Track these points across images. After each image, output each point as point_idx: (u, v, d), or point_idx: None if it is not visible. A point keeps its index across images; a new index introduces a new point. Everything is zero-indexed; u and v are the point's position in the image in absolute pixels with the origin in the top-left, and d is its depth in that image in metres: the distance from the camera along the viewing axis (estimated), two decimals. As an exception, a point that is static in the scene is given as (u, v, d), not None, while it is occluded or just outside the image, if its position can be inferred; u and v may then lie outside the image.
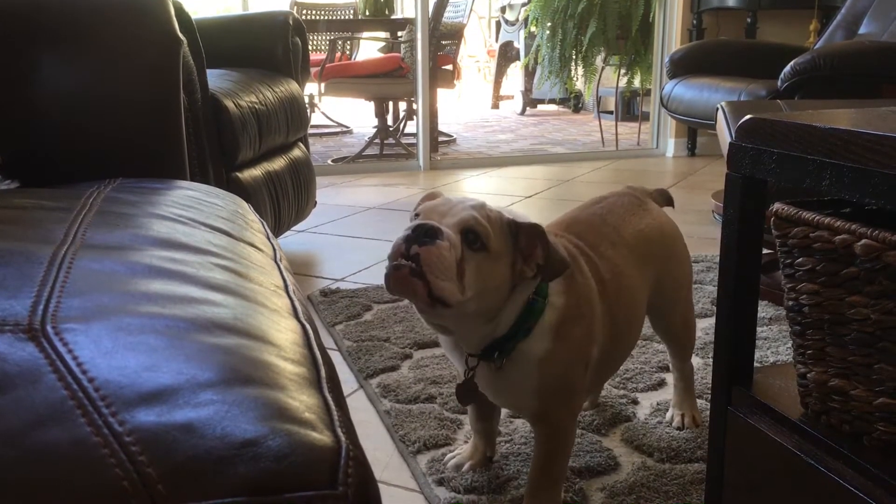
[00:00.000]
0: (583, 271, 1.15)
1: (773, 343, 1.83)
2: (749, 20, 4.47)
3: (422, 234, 0.96)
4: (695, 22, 4.64)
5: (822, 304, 0.84)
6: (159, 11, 1.15)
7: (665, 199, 1.42)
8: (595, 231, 1.24)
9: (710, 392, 1.16)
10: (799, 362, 0.91)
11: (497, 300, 1.04)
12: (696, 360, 1.72)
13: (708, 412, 1.19)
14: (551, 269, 1.03)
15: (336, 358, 1.84)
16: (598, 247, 1.21)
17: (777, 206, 0.88)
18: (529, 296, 1.07)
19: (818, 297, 0.84)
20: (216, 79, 2.28)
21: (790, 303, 0.90)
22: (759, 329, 1.88)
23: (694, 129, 4.67)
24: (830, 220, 0.81)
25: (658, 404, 1.55)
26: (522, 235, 1.03)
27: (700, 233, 2.88)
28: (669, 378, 1.59)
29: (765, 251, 1.30)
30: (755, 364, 1.02)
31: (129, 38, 1.13)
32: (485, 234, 0.99)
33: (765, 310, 2.05)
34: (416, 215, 1.03)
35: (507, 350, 1.08)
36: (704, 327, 1.93)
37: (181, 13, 1.85)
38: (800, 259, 0.86)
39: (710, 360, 1.53)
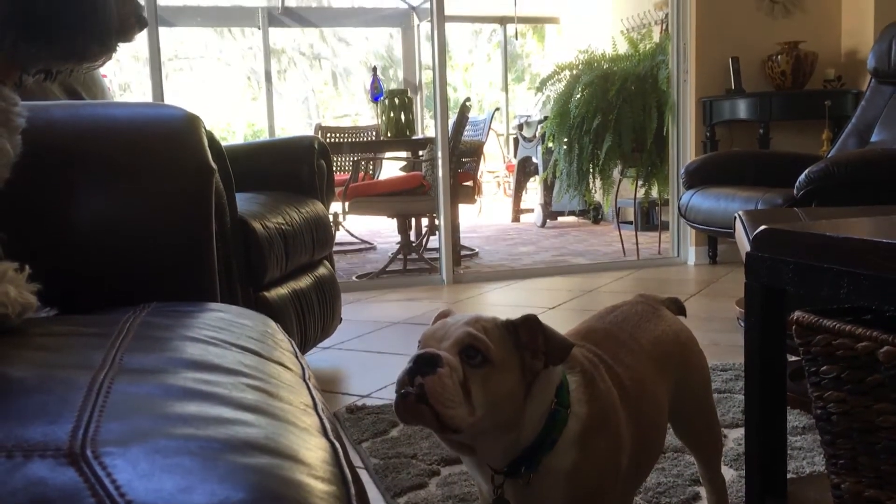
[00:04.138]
0: (604, 379, 1.15)
1: (808, 453, 1.78)
2: (761, 131, 4.56)
3: (422, 365, 0.97)
4: (708, 134, 4.74)
5: (849, 413, 0.84)
6: (193, 142, 1.21)
7: (678, 307, 1.42)
8: (612, 339, 1.25)
9: (744, 505, 1.14)
10: (832, 472, 0.89)
11: (513, 407, 1.03)
12: (729, 472, 1.68)
13: (744, 527, 1.15)
14: (555, 351, 1.04)
15: (363, 476, 1.81)
16: (616, 355, 1.22)
17: (798, 314, 0.89)
18: (551, 405, 1.07)
19: (845, 405, 0.84)
20: (245, 202, 2.36)
21: (818, 411, 0.89)
22: (792, 438, 1.84)
23: (714, 237, 4.70)
24: (851, 328, 0.81)
25: (693, 519, 1.51)
26: (522, 331, 1.05)
27: (726, 340, 2.86)
28: (703, 491, 1.55)
29: (792, 358, 1.30)
30: (790, 475, 1.00)
31: (164, 167, 1.19)
32: (484, 347, 1.00)
33: (797, 419, 2.01)
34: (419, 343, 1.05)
35: (533, 465, 1.07)
36: (736, 437, 1.89)
37: (213, 142, 1.94)
38: (824, 367, 0.86)
39: (744, 471, 1.49)
